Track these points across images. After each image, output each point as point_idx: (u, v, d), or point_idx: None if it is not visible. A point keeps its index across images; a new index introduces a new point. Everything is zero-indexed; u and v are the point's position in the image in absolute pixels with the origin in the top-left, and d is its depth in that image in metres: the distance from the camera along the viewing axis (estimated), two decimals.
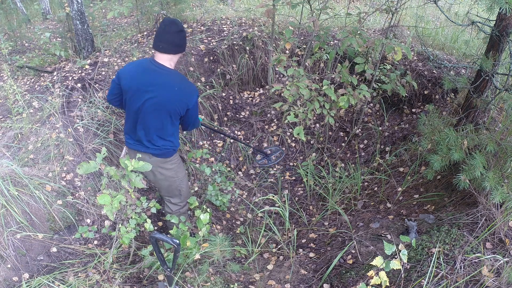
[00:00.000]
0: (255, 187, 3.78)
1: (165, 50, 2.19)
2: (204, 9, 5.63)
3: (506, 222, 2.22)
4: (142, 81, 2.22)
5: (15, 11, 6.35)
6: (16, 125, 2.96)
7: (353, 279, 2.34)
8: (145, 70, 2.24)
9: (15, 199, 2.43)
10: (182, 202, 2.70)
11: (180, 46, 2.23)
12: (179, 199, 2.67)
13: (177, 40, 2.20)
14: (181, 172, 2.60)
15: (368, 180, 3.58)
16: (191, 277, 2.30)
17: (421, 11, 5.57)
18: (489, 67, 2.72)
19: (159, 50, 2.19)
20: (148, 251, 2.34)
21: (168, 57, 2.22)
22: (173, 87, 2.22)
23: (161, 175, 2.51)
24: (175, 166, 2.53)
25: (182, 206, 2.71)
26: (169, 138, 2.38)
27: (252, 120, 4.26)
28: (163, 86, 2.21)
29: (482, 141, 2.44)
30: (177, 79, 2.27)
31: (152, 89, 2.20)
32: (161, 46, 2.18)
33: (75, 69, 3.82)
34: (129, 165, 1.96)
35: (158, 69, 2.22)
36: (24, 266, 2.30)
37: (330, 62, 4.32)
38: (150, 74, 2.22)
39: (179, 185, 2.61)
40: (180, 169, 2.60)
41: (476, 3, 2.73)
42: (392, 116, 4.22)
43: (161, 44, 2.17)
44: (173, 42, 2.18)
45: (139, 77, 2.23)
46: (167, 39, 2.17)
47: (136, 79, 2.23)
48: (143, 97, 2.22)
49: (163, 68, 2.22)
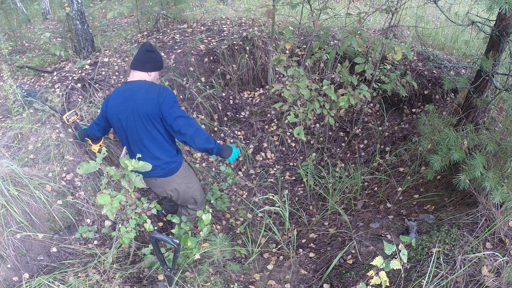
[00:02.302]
0: (255, 187, 3.78)
1: (134, 66, 2.36)
2: (204, 9, 5.63)
3: (506, 222, 2.22)
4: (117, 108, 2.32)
5: (15, 11, 6.35)
6: (16, 125, 2.96)
7: (353, 279, 2.34)
8: (118, 97, 2.34)
9: (15, 199, 2.43)
10: (198, 208, 2.76)
11: (145, 63, 2.35)
12: (195, 205, 2.74)
13: (144, 58, 2.35)
14: (192, 181, 2.63)
15: (368, 180, 3.58)
16: (191, 277, 2.30)
17: (421, 11, 5.57)
18: (489, 67, 2.72)
19: (131, 67, 2.38)
20: (148, 250, 2.35)
21: (140, 75, 2.36)
22: (140, 91, 2.28)
23: (172, 191, 2.57)
24: (184, 178, 2.56)
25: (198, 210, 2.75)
26: (165, 148, 2.35)
27: (252, 120, 4.26)
28: (132, 95, 2.28)
29: (482, 141, 2.44)
30: (145, 85, 2.32)
31: (126, 105, 2.28)
32: (132, 64, 2.37)
33: (75, 69, 3.82)
34: (129, 165, 1.96)
35: (128, 86, 2.35)
36: (24, 266, 2.30)
37: (330, 62, 4.32)
38: (122, 95, 2.33)
39: (193, 194, 2.66)
40: (191, 179, 2.63)
41: (476, 3, 2.73)
42: (392, 116, 4.22)
43: (133, 62, 2.37)
44: (140, 59, 2.35)
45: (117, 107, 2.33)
46: (137, 57, 2.36)
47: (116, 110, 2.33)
48: (122, 118, 2.30)
49: (131, 83, 2.35)
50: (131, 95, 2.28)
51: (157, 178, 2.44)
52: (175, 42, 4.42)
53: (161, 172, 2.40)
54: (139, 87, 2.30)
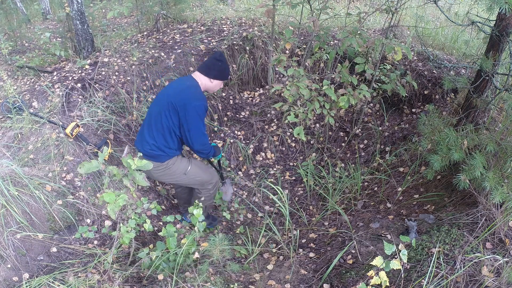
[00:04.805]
0: (255, 187, 3.78)
1: (200, 69, 2.55)
2: (204, 9, 5.63)
3: (506, 222, 2.22)
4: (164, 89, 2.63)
5: (15, 11, 6.35)
6: (16, 125, 2.96)
7: (353, 279, 2.34)
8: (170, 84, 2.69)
9: (15, 199, 2.43)
10: (209, 185, 2.80)
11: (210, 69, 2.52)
12: (201, 186, 2.79)
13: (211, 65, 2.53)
14: (177, 178, 2.68)
15: (368, 180, 3.57)
16: (191, 277, 2.30)
17: (421, 11, 5.57)
18: (489, 67, 2.72)
19: (197, 69, 2.58)
20: (145, 253, 2.34)
21: (201, 78, 2.54)
22: (184, 83, 2.51)
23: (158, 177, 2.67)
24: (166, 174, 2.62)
25: (212, 187, 2.83)
26: (164, 136, 2.46)
27: (252, 120, 4.25)
28: (176, 84, 2.56)
29: (482, 141, 2.44)
30: (193, 84, 2.51)
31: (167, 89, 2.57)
32: (200, 66, 2.57)
33: (75, 69, 3.82)
34: (132, 164, 1.97)
35: (181, 78, 2.65)
36: (24, 266, 2.30)
37: (330, 62, 4.32)
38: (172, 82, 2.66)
39: (195, 178, 2.70)
40: (173, 177, 2.66)
41: (476, 3, 2.73)
42: (392, 116, 4.22)
43: (201, 65, 2.57)
44: (207, 65, 2.54)
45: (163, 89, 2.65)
46: (205, 62, 2.57)
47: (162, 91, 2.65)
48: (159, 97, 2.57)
49: (186, 76, 2.60)
50: (174, 83, 2.59)
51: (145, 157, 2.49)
52: (175, 42, 4.42)
53: (149, 153, 2.50)
54: (186, 81, 2.53)
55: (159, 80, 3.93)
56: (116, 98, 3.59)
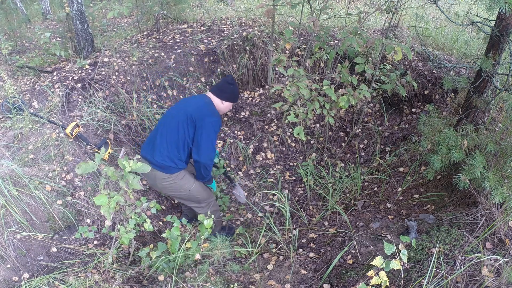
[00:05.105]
0: (255, 187, 3.78)
1: (212, 91, 2.69)
2: (204, 9, 5.64)
3: (506, 222, 2.22)
4: (177, 104, 2.74)
5: (15, 11, 6.35)
6: (16, 125, 2.96)
7: (353, 279, 2.34)
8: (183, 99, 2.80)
9: (15, 199, 2.43)
10: (204, 202, 2.82)
11: (222, 92, 2.66)
12: (198, 203, 2.81)
13: (223, 88, 2.66)
14: (181, 194, 2.72)
15: (368, 180, 3.57)
16: (191, 277, 2.30)
17: (421, 11, 5.57)
18: (489, 67, 2.72)
19: (210, 91, 2.72)
20: (145, 253, 2.34)
21: (210, 95, 2.68)
22: (201, 100, 2.63)
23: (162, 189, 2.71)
24: (173, 189, 2.67)
25: (206, 205, 2.84)
26: (177, 147, 2.53)
27: (252, 120, 4.25)
28: (192, 100, 2.68)
29: (482, 141, 2.44)
30: (208, 102, 2.63)
31: (182, 104, 2.67)
32: (212, 88, 2.72)
33: (75, 69, 3.82)
34: (127, 166, 1.96)
35: (196, 96, 2.80)
36: (24, 266, 2.30)
37: (330, 62, 4.32)
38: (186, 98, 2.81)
39: (195, 195, 2.73)
40: (180, 191, 2.70)
41: (476, 3, 2.73)
42: (392, 116, 4.22)
43: (214, 87, 2.72)
44: (220, 88, 2.68)
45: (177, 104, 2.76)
46: (218, 85, 2.71)
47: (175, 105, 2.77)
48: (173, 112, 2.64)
49: (202, 95, 2.71)
50: (191, 99, 2.71)
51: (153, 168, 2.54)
52: (175, 42, 4.42)
53: (160, 163, 2.54)
54: (203, 98, 2.65)
55: (159, 80, 3.93)
56: (116, 98, 3.59)
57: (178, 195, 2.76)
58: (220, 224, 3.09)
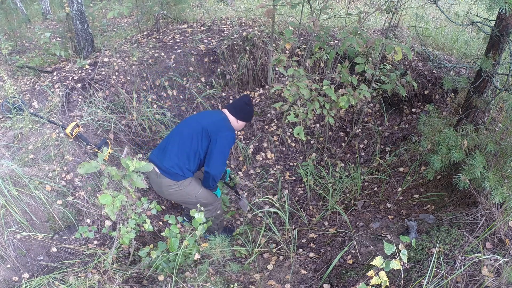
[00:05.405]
0: (255, 187, 3.78)
1: (229, 109, 2.77)
2: (204, 9, 5.63)
3: (506, 222, 2.22)
4: (193, 116, 2.82)
5: (15, 11, 6.35)
6: (16, 125, 2.96)
7: (353, 279, 2.34)
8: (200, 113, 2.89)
9: (15, 199, 2.43)
10: (210, 206, 2.84)
11: (238, 112, 2.74)
12: (204, 207, 2.80)
13: (240, 107, 2.75)
14: (197, 190, 2.73)
15: (368, 180, 3.57)
16: (191, 277, 2.30)
17: (421, 11, 5.57)
18: (489, 67, 2.72)
19: (226, 108, 2.80)
20: (145, 252, 2.34)
21: (226, 112, 2.77)
22: (218, 116, 2.72)
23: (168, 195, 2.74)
24: (180, 195, 2.70)
25: (212, 209, 2.87)
26: (188, 158, 2.57)
27: (252, 120, 4.26)
28: (207, 114, 2.78)
29: (482, 141, 2.44)
30: (225, 118, 2.72)
31: (198, 117, 2.74)
32: (228, 106, 2.79)
33: (75, 69, 3.82)
34: (131, 165, 1.96)
35: (215, 110, 2.88)
36: (24, 266, 2.30)
37: (330, 62, 4.32)
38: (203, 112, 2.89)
39: (201, 200, 2.74)
40: (196, 188, 2.72)
41: (476, 3, 2.73)
42: (392, 116, 4.22)
43: (230, 106, 2.79)
44: (236, 107, 2.76)
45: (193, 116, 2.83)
46: (234, 104, 2.78)
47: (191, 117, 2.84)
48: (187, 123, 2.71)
49: (219, 111, 2.79)
50: (208, 113, 2.81)
51: (160, 173, 2.59)
52: (175, 42, 4.42)
53: (168, 170, 2.57)
54: (220, 114, 2.75)
55: (159, 80, 3.93)
56: (116, 98, 3.59)
57: (185, 201, 2.80)
58: (222, 226, 3.11)
